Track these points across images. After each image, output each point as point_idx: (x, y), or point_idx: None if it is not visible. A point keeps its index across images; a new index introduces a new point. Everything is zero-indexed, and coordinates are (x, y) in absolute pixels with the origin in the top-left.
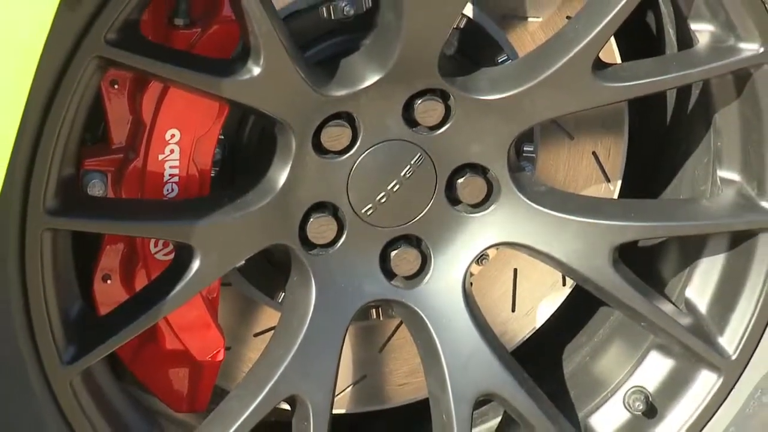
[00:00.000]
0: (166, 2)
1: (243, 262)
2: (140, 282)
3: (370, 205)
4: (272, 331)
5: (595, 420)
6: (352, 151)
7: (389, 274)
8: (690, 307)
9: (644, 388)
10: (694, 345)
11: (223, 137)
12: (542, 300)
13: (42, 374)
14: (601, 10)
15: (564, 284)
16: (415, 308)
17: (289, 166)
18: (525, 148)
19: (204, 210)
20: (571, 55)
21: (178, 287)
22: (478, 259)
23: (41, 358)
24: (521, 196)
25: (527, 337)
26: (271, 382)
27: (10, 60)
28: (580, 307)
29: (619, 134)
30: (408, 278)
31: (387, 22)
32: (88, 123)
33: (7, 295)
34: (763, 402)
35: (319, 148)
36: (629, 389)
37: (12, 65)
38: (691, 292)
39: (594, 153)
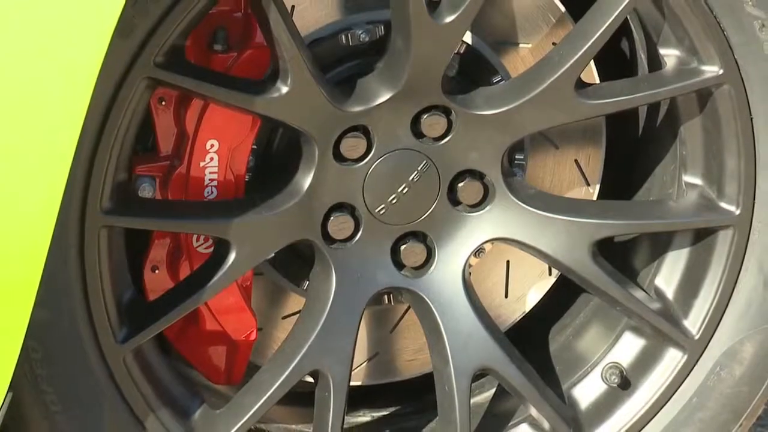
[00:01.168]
0: (207, 30)
1: (273, 254)
2: (184, 272)
3: (382, 206)
4: (298, 315)
5: (576, 391)
6: (366, 159)
7: (399, 265)
8: (659, 294)
9: (619, 363)
10: (663, 327)
11: (255, 147)
12: (531, 288)
13: (99, 352)
14: (581, 38)
15: (550, 274)
16: (422, 295)
17: (313, 172)
18: (516, 157)
19: (239, 210)
20: (556, 76)
21: (216, 276)
22: (475, 253)
23: (98, 338)
24: (513, 198)
25: (518, 319)
26: (297, 358)
27: (71, 81)
28: (564, 294)
29: (598, 144)
30: (415, 269)
31: (397, 48)
32: (139, 134)
33: (69, 284)
34: (722, 376)
35: (339, 157)
36: (606, 365)
37: (72, 85)
38: (659, 281)
39: (576, 161)
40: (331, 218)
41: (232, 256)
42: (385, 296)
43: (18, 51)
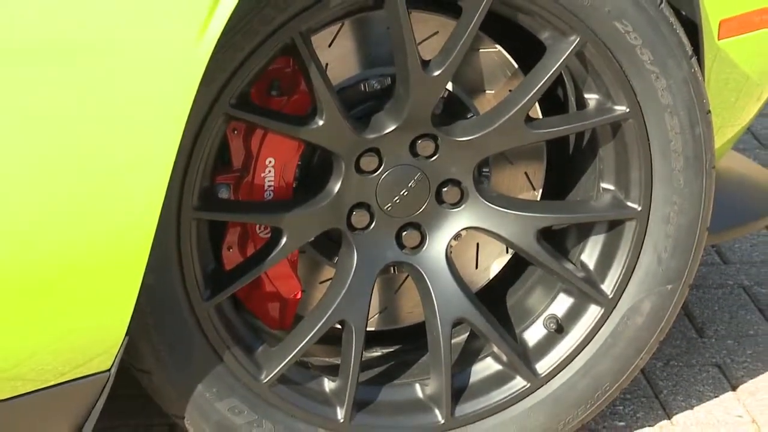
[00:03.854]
0: (266, 81)
1: (312, 238)
2: (250, 250)
3: (389, 204)
4: (330, 281)
5: (526, 335)
6: (378, 171)
7: (401, 246)
8: (583, 266)
9: (556, 315)
10: (586, 289)
11: (300, 162)
12: (494, 262)
13: (190, 307)
14: (529, 86)
15: (507, 252)
16: (417, 267)
17: (340, 180)
18: (483, 170)
19: (289, 207)
20: (512, 113)
21: (272, 254)
22: (455, 237)
23: (190, 297)
24: (481, 199)
25: (485, 284)
26: (330, 311)
27: (169, 116)
28: (517, 266)
29: (541, 160)
30: (413, 248)
31: (400, 94)
32: (219, 154)
33: (169, 259)
34: (628, 324)
35: (359, 170)
36: (546, 316)
37: (172, 119)
38: (584, 257)
39: (525, 172)
40: (353, 213)
41: (283, 240)
42: (391, 268)
43: (136, 97)
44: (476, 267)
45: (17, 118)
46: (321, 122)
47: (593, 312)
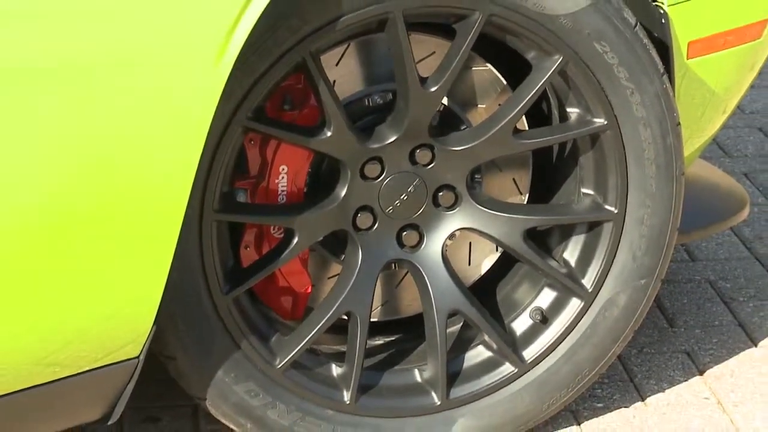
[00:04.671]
0: (279, 96)
1: (321, 238)
2: (265, 249)
3: (391, 207)
4: (337, 276)
5: (514, 325)
6: (381, 178)
7: (401, 245)
8: (565, 263)
9: (541, 307)
10: (568, 284)
11: (310, 170)
12: (485, 259)
13: (211, 299)
14: (517, 101)
15: (497, 250)
16: (416, 264)
17: (347, 186)
18: (475, 176)
19: (300, 210)
20: (501, 125)
21: (285, 252)
22: (450, 237)
23: (211, 291)
24: (474, 202)
25: (477, 279)
26: (337, 303)
27: (192, 128)
28: (506, 263)
29: (527, 168)
30: (412, 247)
31: (400, 107)
32: (237, 162)
33: (192, 257)
34: (606, 316)
35: (363, 176)
36: (532, 308)
37: (192, 132)
38: (566, 255)
39: (513, 179)
40: (358, 215)
41: (295, 239)
42: (392, 264)
43: (163, 111)
44: (469, 264)
45: (68, 128)
46: (329, 133)
47: (574, 304)
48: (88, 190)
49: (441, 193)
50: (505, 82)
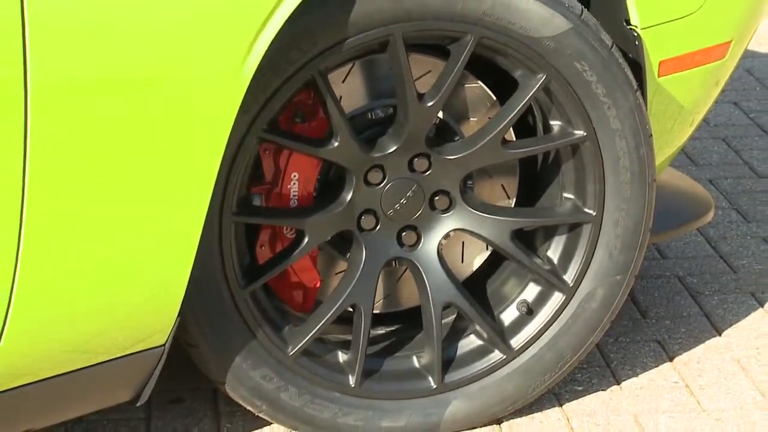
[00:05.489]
0: (291, 110)
1: (329, 238)
2: (279, 247)
3: (392, 210)
4: (343, 272)
5: (502, 316)
6: (383, 184)
7: (401, 244)
8: (549, 261)
9: (526, 300)
10: (551, 279)
11: (319, 176)
12: (476, 257)
13: (230, 293)
14: (505, 114)
15: (487, 249)
16: (414, 261)
17: (352, 191)
18: (468, 182)
19: (310, 213)
20: (491, 136)
21: (296, 251)
22: (444, 237)
23: (230, 286)
24: (466, 206)
25: (469, 275)
26: (343, 297)
27: (212, 139)
28: (495, 260)
29: (514, 174)
30: (410, 246)
31: (400, 120)
32: (253, 169)
33: (212, 255)
34: (585, 308)
35: (366, 182)
36: (519, 300)
37: (213, 142)
38: (550, 253)
39: (502, 184)
40: (362, 217)
41: (305, 239)
42: (393, 262)
43: (188, 123)
44: (462, 261)
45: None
46: (336, 143)
47: (557, 298)
48: (127, 189)
49: (437, 198)
50: (494, 98)
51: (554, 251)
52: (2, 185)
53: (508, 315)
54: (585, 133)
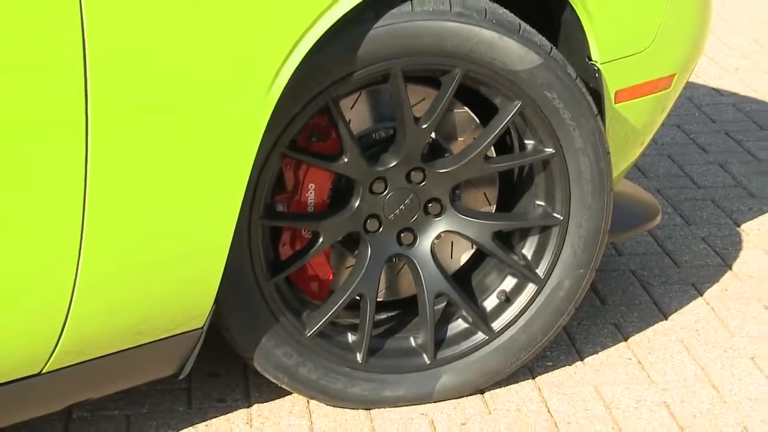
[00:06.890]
0: (308, 131)
1: (340, 238)
2: (298, 246)
3: (392, 215)
4: (352, 267)
5: (484, 303)
6: (385, 192)
7: (400, 243)
8: (524, 257)
9: (505, 290)
10: (526, 273)
11: (332, 186)
12: (463, 254)
13: (257, 284)
14: (487, 136)
15: (472, 247)
16: (411, 257)
17: (359, 199)
18: (456, 191)
19: (324, 217)
20: (475, 153)
21: (313, 249)
22: (437, 237)
23: (257, 277)
24: (455, 211)
25: (457, 269)
26: (352, 287)
27: (242, 155)
28: (479, 257)
29: (495, 185)
30: (408, 245)
31: (400, 139)
32: (277, 180)
33: (242, 252)
34: (554, 297)
35: (371, 192)
36: (498, 290)
37: (243, 158)
38: (524, 250)
39: (484, 193)
40: (368, 221)
41: (320, 239)
42: (394, 258)
43: (222, 141)
44: (451, 257)
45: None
46: (346, 159)
47: (530, 288)
48: (173, 197)
49: (430, 204)
50: (478, 121)
51: (528, 249)
52: (68, 210)
53: (490, 302)
54: (554, 151)
